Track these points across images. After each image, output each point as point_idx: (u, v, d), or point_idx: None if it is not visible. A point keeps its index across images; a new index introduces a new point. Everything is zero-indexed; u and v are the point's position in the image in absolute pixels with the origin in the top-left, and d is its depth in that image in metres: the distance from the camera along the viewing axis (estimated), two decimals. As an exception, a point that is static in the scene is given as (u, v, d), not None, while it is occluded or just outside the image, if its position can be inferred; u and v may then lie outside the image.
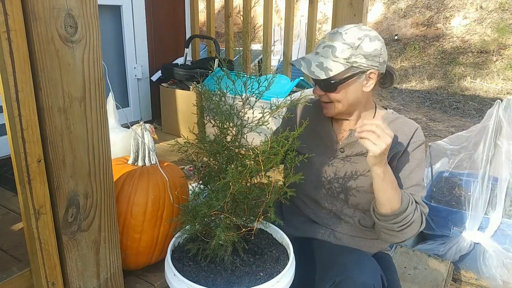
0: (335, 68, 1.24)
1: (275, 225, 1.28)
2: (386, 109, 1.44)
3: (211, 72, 2.64)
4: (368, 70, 1.26)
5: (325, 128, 1.43)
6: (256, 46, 5.60)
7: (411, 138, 1.34)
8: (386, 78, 1.38)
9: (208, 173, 1.19)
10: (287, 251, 1.21)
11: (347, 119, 1.40)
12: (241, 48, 2.99)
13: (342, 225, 1.42)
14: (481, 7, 8.43)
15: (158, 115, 2.98)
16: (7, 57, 0.85)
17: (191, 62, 2.95)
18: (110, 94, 1.97)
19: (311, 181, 1.40)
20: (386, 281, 1.28)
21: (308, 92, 2.33)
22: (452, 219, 2.45)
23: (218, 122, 1.15)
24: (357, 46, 1.23)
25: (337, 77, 1.26)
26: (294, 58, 4.56)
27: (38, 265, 1.01)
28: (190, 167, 1.97)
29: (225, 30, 2.96)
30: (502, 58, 7.51)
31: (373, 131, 1.14)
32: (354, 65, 1.24)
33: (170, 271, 1.08)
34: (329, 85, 1.27)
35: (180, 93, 2.65)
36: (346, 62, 1.24)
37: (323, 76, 1.24)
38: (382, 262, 1.40)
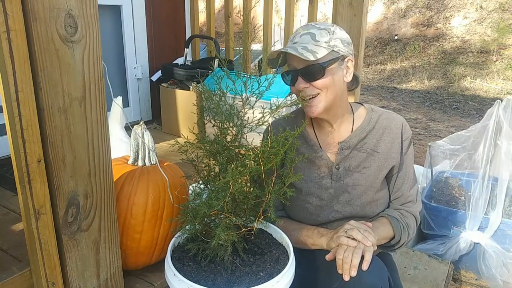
0: (320, 51, 1.20)
1: (275, 225, 1.28)
2: (362, 104, 1.41)
3: (211, 72, 2.64)
4: (346, 57, 1.27)
5: (314, 150, 1.37)
6: (256, 46, 5.60)
7: (401, 137, 1.35)
8: (352, 80, 1.36)
9: (208, 173, 1.19)
10: (287, 251, 1.21)
11: (330, 125, 1.35)
12: (241, 48, 2.98)
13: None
14: (481, 7, 8.43)
15: (158, 115, 2.98)
16: (7, 57, 0.85)
17: (191, 62, 2.96)
18: (118, 97, 1.85)
19: (313, 208, 1.36)
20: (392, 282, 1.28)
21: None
22: (452, 219, 2.45)
23: (218, 122, 1.15)
24: (332, 31, 1.25)
25: (323, 60, 1.22)
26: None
27: (38, 265, 1.01)
28: None
29: (225, 30, 2.96)
30: (502, 58, 7.51)
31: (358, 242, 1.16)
32: (335, 49, 1.23)
33: (170, 271, 1.08)
34: (317, 70, 1.22)
35: (180, 93, 2.65)
36: (327, 45, 1.22)
37: (311, 57, 1.18)
38: (383, 262, 1.41)
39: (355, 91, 2.33)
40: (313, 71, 1.22)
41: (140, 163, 1.37)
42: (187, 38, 3.05)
